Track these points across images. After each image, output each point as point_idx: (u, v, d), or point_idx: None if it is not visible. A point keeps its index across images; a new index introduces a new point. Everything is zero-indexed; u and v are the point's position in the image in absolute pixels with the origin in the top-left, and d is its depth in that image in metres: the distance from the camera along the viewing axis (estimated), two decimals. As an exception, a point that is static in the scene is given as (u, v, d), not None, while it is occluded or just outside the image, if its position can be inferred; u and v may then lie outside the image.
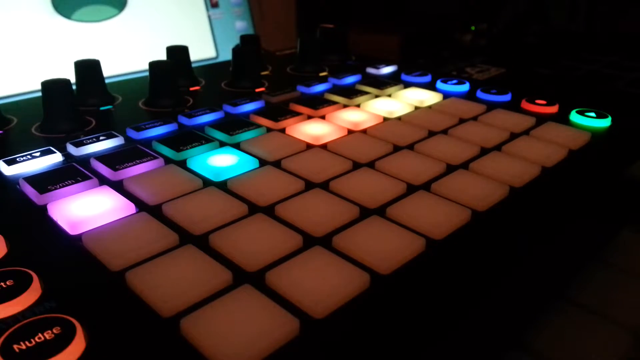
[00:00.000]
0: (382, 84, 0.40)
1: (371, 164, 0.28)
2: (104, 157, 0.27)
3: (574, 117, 0.34)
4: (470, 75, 0.54)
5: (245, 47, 0.42)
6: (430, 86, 0.41)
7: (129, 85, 0.41)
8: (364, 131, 0.32)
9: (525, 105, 0.37)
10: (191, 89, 0.40)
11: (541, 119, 0.34)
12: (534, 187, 0.26)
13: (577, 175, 0.28)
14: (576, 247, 0.30)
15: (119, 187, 0.25)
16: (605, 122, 0.34)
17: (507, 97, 0.38)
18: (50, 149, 0.28)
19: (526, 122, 0.33)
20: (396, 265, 0.20)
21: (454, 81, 0.41)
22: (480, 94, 0.39)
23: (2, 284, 0.18)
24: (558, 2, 0.76)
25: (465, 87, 0.40)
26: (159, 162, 0.27)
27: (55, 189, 0.24)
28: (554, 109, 0.36)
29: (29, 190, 0.24)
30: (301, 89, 0.39)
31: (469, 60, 0.64)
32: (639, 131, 0.33)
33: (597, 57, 0.68)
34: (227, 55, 0.55)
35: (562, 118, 0.35)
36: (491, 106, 0.36)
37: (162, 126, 0.32)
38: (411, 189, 0.25)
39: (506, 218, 0.24)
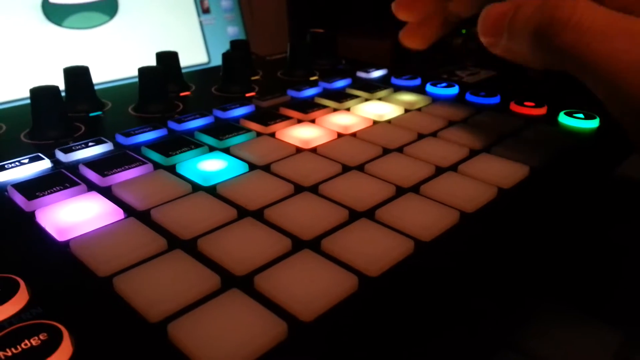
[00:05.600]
0: (372, 87, 0.40)
1: (360, 167, 0.28)
2: (93, 163, 0.27)
3: (563, 118, 0.35)
4: (461, 78, 0.55)
5: (235, 52, 0.42)
6: (420, 89, 0.41)
7: (119, 91, 0.41)
8: (354, 134, 0.32)
9: (513, 107, 0.37)
10: (181, 94, 0.40)
11: (530, 121, 0.34)
12: (522, 188, 0.26)
13: (565, 175, 0.28)
14: (566, 247, 0.30)
15: (107, 192, 0.25)
16: (594, 123, 0.34)
17: (495, 100, 0.38)
18: (38, 155, 0.28)
19: (515, 124, 0.33)
20: (385, 267, 0.20)
21: (444, 84, 0.41)
22: (469, 97, 0.39)
23: (-12, 291, 0.18)
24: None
25: (454, 90, 0.41)
26: (148, 167, 0.27)
27: (43, 195, 0.24)
28: (542, 110, 0.36)
29: (17, 197, 0.24)
30: (291, 93, 0.40)
31: (460, 64, 0.64)
32: (627, 132, 0.34)
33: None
34: (219, 61, 0.55)
35: (550, 119, 0.35)
36: (480, 108, 0.36)
37: (151, 131, 0.32)
38: (400, 191, 0.25)
39: (495, 219, 0.24)
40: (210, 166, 0.27)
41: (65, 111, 0.33)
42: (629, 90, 0.21)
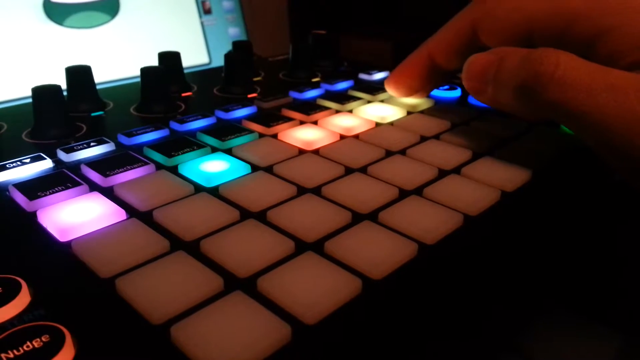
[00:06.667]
0: (374, 89, 0.40)
1: (363, 169, 0.28)
2: (95, 163, 0.27)
3: (565, 121, 0.35)
4: (462, 81, 0.55)
5: (237, 53, 0.42)
6: (422, 91, 0.41)
7: (121, 91, 0.41)
8: (356, 136, 0.32)
9: (516, 110, 0.37)
10: (183, 94, 0.40)
11: (532, 125, 0.34)
12: (525, 191, 0.26)
13: (567, 178, 0.28)
14: (567, 250, 0.30)
15: (109, 193, 0.25)
16: (596, 127, 0.34)
17: (498, 102, 0.38)
18: (40, 155, 0.28)
19: (517, 127, 0.33)
20: (388, 270, 0.20)
21: (446, 87, 0.41)
22: (471, 100, 0.39)
23: (-10, 291, 0.18)
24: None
25: (457, 93, 0.41)
26: (150, 167, 0.27)
27: (45, 195, 0.24)
28: (545, 113, 0.36)
29: (19, 197, 0.24)
30: (293, 94, 0.39)
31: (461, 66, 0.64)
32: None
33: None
34: (220, 62, 0.55)
35: (552, 122, 0.35)
36: (482, 111, 0.36)
37: (153, 132, 0.31)
38: (403, 193, 0.25)
39: (498, 222, 0.24)
40: (213, 167, 0.27)
41: (67, 111, 0.33)
42: (615, 140, 0.21)
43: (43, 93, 0.31)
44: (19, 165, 0.27)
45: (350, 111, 0.36)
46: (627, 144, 0.21)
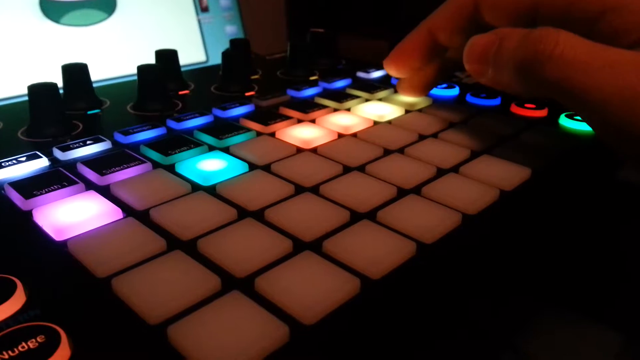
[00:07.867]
0: (372, 87, 0.40)
1: (361, 168, 0.27)
2: (91, 162, 0.27)
3: (563, 120, 0.35)
4: (460, 80, 0.54)
5: (235, 51, 0.42)
6: (421, 90, 0.41)
7: (117, 89, 0.41)
8: (354, 135, 0.32)
9: (514, 109, 0.37)
10: (180, 92, 0.40)
11: (530, 123, 0.34)
12: (523, 190, 0.26)
13: (566, 177, 0.28)
14: (567, 249, 0.30)
15: (106, 192, 0.25)
16: (594, 126, 0.34)
17: (496, 101, 0.38)
18: (36, 153, 0.28)
19: (516, 126, 0.33)
20: (387, 269, 0.20)
21: (444, 85, 0.41)
22: (469, 98, 0.39)
23: (-16, 291, 0.18)
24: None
25: (455, 91, 0.40)
26: (147, 166, 0.27)
27: (41, 194, 0.24)
28: (543, 112, 0.36)
29: (14, 196, 0.24)
30: (291, 92, 0.39)
31: (459, 64, 0.64)
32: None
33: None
34: (217, 60, 0.55)
35: (551, 121, 0.35)
36: (481, 110, 0.36)
37: (150, 130, 0.31)
38: (402, 192, 0.25)
39: (496, 221, 0.24)
40: (210, 166, 0.27)
41: (63, 109, 0.33)
42: (614, 118, 0.21)
43: (39, 91, 0.31)
44: (14, 164, 0.27)
45: (348, 109, 0.36)
46: (626, 122, 0.21)
